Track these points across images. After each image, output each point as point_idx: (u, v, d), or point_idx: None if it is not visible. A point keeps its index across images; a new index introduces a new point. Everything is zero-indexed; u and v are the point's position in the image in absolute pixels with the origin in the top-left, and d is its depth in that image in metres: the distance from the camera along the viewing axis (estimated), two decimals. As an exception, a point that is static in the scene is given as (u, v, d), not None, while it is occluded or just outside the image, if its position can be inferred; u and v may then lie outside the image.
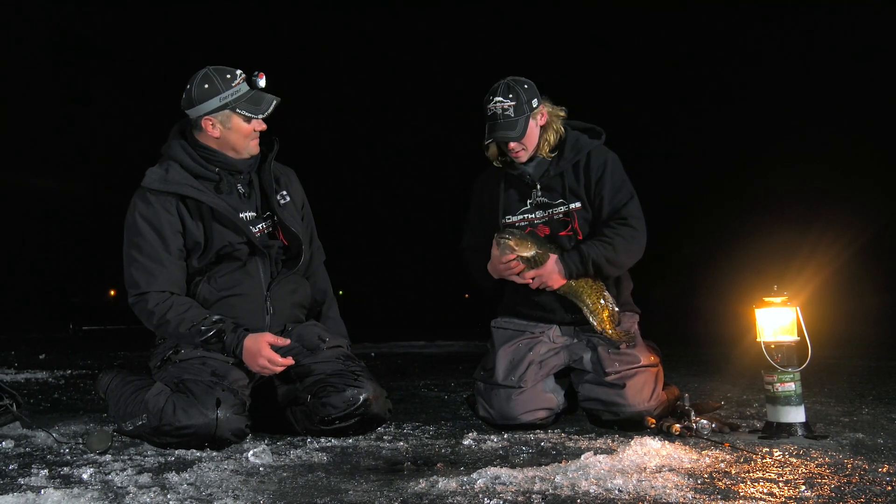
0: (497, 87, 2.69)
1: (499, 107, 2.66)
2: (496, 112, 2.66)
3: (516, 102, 2.66)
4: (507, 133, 2.66)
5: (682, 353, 5.91)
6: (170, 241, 2.53)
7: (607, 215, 2.70)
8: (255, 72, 2.59)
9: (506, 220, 2.78)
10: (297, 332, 2.66)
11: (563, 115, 2.79)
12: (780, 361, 2.39)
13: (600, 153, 2.76)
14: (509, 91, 2.67)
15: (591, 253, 2.62)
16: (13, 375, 4.99)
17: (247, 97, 2.58)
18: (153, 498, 1.71)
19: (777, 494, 1.66)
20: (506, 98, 2.66)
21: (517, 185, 2.80)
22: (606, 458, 1.95)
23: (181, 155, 2.60)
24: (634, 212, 2.70)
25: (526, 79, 2.74)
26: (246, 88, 2.59)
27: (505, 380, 2.66)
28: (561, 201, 2.74)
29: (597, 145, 2.77)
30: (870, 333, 7.63)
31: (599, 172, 2.72)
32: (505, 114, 2.65)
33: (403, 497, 1.70)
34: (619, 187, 2.72)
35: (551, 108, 2.77)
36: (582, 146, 2.76)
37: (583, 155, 2.75)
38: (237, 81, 2.57)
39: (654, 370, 2.65)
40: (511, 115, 2.65)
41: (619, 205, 2.70)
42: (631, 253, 2.68)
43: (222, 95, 2.55)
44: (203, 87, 2.55)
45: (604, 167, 2.73)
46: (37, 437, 2.56)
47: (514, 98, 2.66)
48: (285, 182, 2.77)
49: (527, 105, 2.67)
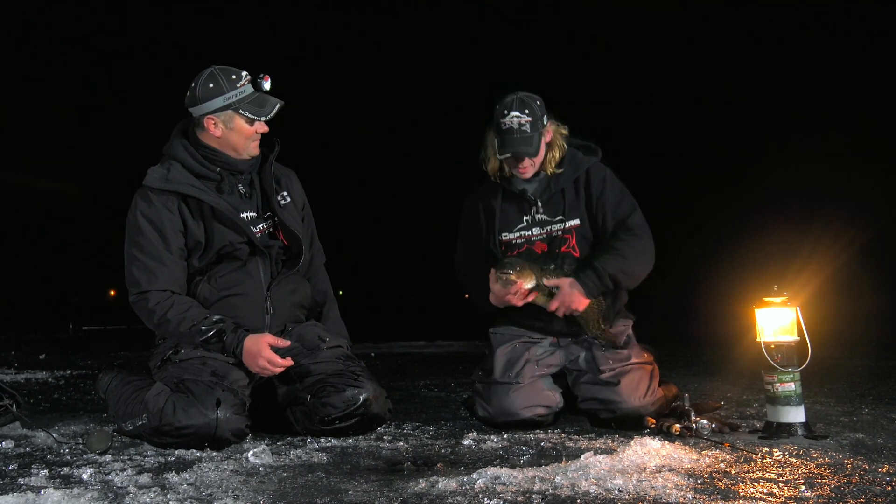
0: (511, 102, 2.69)
1: (515, 122, 2.66)
2: (512, 127, 2.66)
3: (532, 118, 2.67)
4: (525, 149, 2.67)
5: (682, 353, 5.91)
6: (171, 240, 2.53)
7: (612, 227, 2.72)
8: (260, 74, 2.59)
9: (502, 238, 2.78)
10: (297, 332, 2.66)
11: (565, 132, 2.81)
12: (780, 361, 2.39)
13: (599, 170, 2.79)
14: (525, 106, 2.68)
15: (608, 267, 2.63)
16: (13, 375, 4.98)
17: (250, 99, 2.57)
18: (153, 498, 1.71)
19: (777, 494, 1.66)
20: (522, 113, 2.66)
21: (515, 201, 2.80)
22: (606, 458, 1.95)
23: (183, 154, 2.60)
24: (640, 222, 2.73)
25: (536, 95, 2.76)
26: (251, 90, 2.59)
27: (503, 376, 2.68)
28: (560, 218, 2.76)
29: (594, 162, 2.79)
30: (870, 333, 7.63)
31: (600, 188, 2.75)
32: (521, 129, 2.66)
33: (403, 497, 1.70)
34: (621, 200, 2.75)
35: (555, 125, 2.79)
36: (580, 163, 2.78)
37: (581, 171, 2.77)
38: (242, 83, 2.57)
39: (649, 367, 2.68)
40: (527, 131, 2.66)
41: (623, 216, 2.72)
42: (642, 263, 2.70)
43: (226, 95, 2.55)
44: (208, 87, 2.55)
45: (603, 183, 2.75)
46: (37, 437, 2.56)
47: (529, 114, 2.67)
48: (286, 183, 2.77)
49: (540, 121, 2.69)
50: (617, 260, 2.64)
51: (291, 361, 2.51)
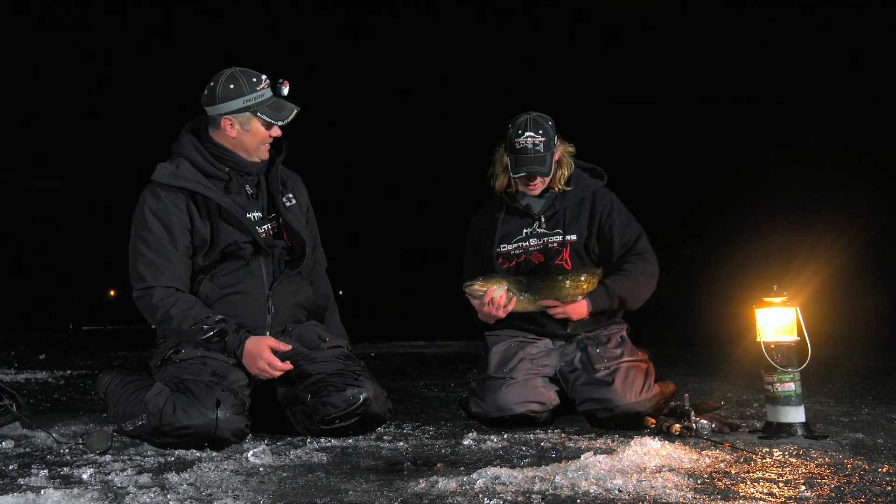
0: (525, 122, 2.76)
1: (529, 142, 2.73)
2: (527, 146, 2.73)
3: (545, 139, 2.75)
4: (539, 168, 2.75)
5: (682, 353, 5.91)
6: (178, 237, 2.54)
7: (619, 250, 2.80)
8: (279, 79, 2.62)
9: (500, 249, 2.85)
10: (297, 332, 2.67)
11: (572, 150, 2.88)
12: (780, 361, 2.39)
13: (605, 194, 2.88)
14: (538, 127, 2.75)
15: (617, 287, 2.72)
16: (13, 375, 4.98)
17: (269, 103, 2.59)
18: (153, 498, 1.71)
19: (777, 494, 1.66)
20: (536, 134, 2.74)
21: (518, 216, 2.88)
22: (606, 458, 1.95)
23: (192, 153, 2.61)
24: (647, 247, 2.83)
25: (548, 115, 2.83)
26: (269, 94, 2.60)
27: (496, 372, 2.72)
28: (558, 231, 2.82)
29: (600, 186, 2.88)
30: (870, 333, 7.63)
31: (607, 211, 2.83)
32: (535, 149, 2.73)
33: (403, 497, 1.70)
34: (628, 224, 2.83)
35: (563, 144, 2.86)
36: (586, 184, 2.87)
37: (588, 193, 2.86)
38: (262, 86, 2.59)
39: (644, 365, 2.71)
40: (540, 151, 2.74)
41: (630, 241, 2.81)
42: (649, 286, 2.80)
43: (246, 98, 2.56)
44: (228, 87, 2.56)
45: (611, 206, 2.84)
46: (37, 438, 2.56)
47: (543, 134, 2.75)
48: (291, 186, 2.79)
49: (552, 141, 2.77)
50: (627, 281, 2.73)
51: (291, 366, 2.52)
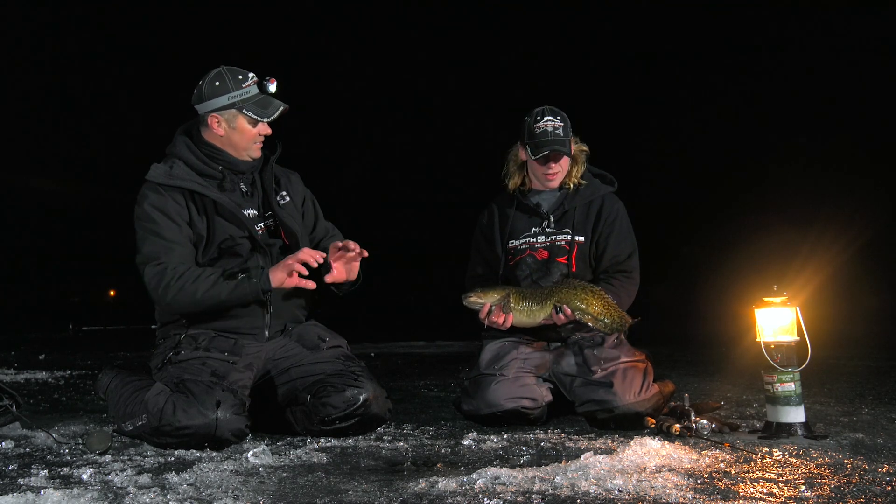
0: (542, 110, 2.84)
1: (549, 125, 2.79)
2: (547, 129, 2.79)
3: (564, 124, 2.81)
4: (561, 148, 2.79)
5: (682, 353, 5.91)
6: (182, 226, 2.56)
7: (608, 262, 2.84)
8: (266, 76, 2.62)
9: (509, 245, 2.89)
10: (297, 332, 2.67)
11: (587, 150, 2.93)
12: (780, 361, 2.39)
13: (614, 201, 2.92)
14: (556, 113, 2.83)
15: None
16: (13, 375, 4.98)
17: (255, 100, 2.60)
18: (153, 498, 1.71)
19: (777, 494, 1.66)
20: (555, 118, 2.80)
21: (528, 213, 2.91)
22: (606, 458, 1.95)
23: (186, 153, 2.63)
24: (636, 265, 2.88)
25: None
26: (255, 91, 2.61)
27: (487, 368, 2.74)
28: (567, 230, 2.85)
29: (610, 192, 2.92)
30: (870, 333, 7.63)
31: (611, 219, 2.87)
32: (555, 132, 2.79)
33: (403, 497, 1.70)
34: (625, 238, 2.88)
35: (577, 142, 2.91)
36: (597, 189, 2.91)
37: (597, 197, 2.90)
38: (248, 83, 2.60)
39: (642, 365, 2.71)
40: (560, 134, 2.80)
41: (622, 256, 2.85)
42: (628, 305, 2.83)
43: (231, 94, 2.58)
44: (214, 85, 2.59)
45: (616, 215, 2.88)
46: (37, 438, 2.56)
47: (562, 119, 2.82)
48: (285, 183, 2.79)
49: (570, 129, 2.84)
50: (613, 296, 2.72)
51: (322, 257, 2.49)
